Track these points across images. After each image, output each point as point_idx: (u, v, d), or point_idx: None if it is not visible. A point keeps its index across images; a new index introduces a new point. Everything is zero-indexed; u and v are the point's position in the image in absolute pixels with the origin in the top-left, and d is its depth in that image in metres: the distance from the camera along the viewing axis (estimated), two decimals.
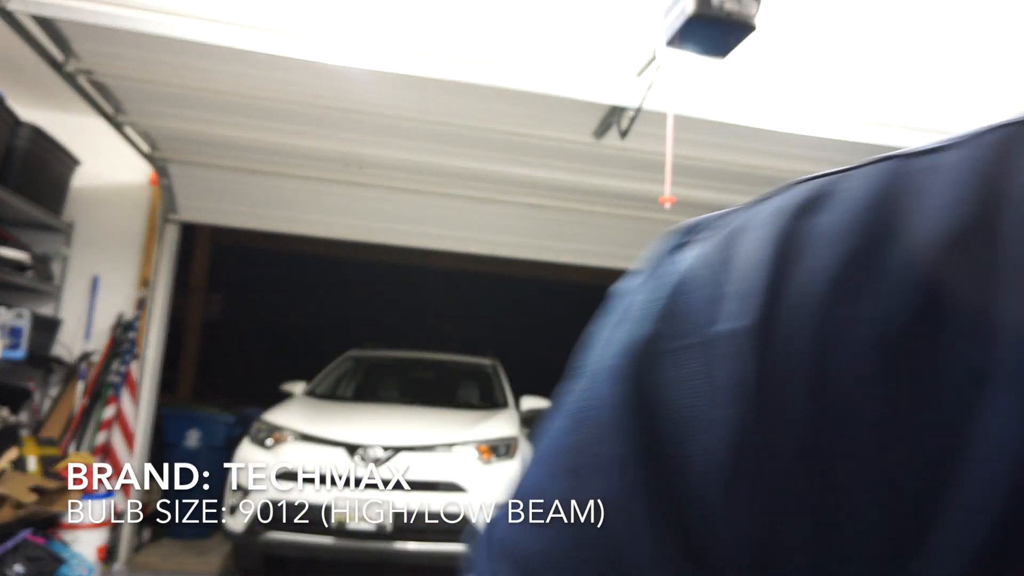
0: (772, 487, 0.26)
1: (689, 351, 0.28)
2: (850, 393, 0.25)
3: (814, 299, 0.26)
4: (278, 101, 3.08)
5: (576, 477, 0.31)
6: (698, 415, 0.28)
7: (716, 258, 0.30)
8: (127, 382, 4.17)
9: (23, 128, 3.78)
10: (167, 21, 2.45)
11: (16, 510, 3.14)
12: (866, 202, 0.28)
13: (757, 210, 0.31)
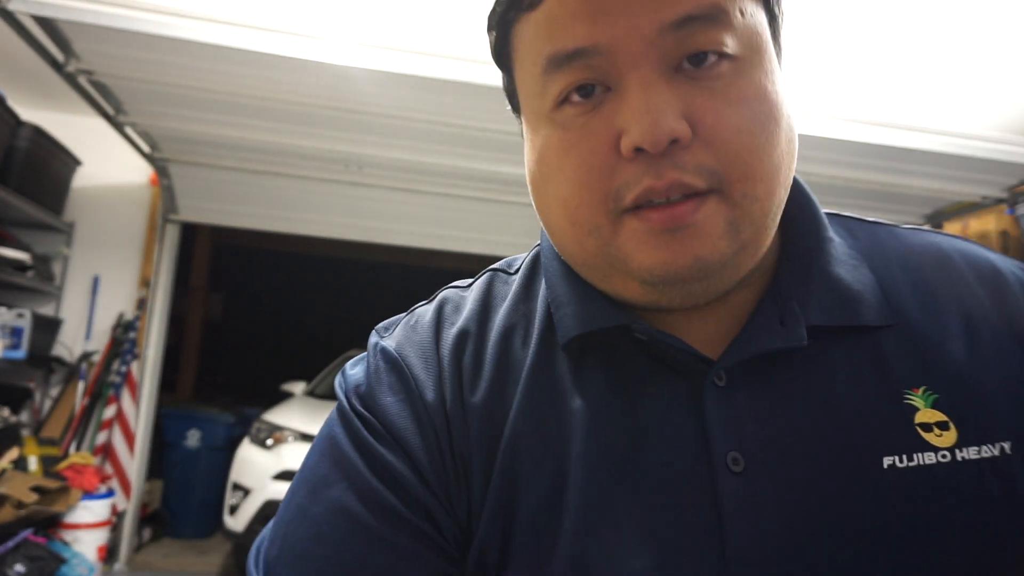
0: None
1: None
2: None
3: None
4: (278, 101, 3.08)
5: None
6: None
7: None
8: (127, 382, 4.17)
9: (24, 128, 3.78)
10: (168, 21, 2.45)
11: (17, 510, 3.15)
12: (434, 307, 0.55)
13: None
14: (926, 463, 0.41)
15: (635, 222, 0.42)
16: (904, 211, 4.22)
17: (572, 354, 0.48)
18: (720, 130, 0.41)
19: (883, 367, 0.45)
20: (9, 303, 3.88)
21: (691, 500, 0.42)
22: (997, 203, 3.91)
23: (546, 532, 0.43)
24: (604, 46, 0.41)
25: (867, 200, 3.98)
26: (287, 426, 4.06)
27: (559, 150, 0.44)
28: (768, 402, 0.44)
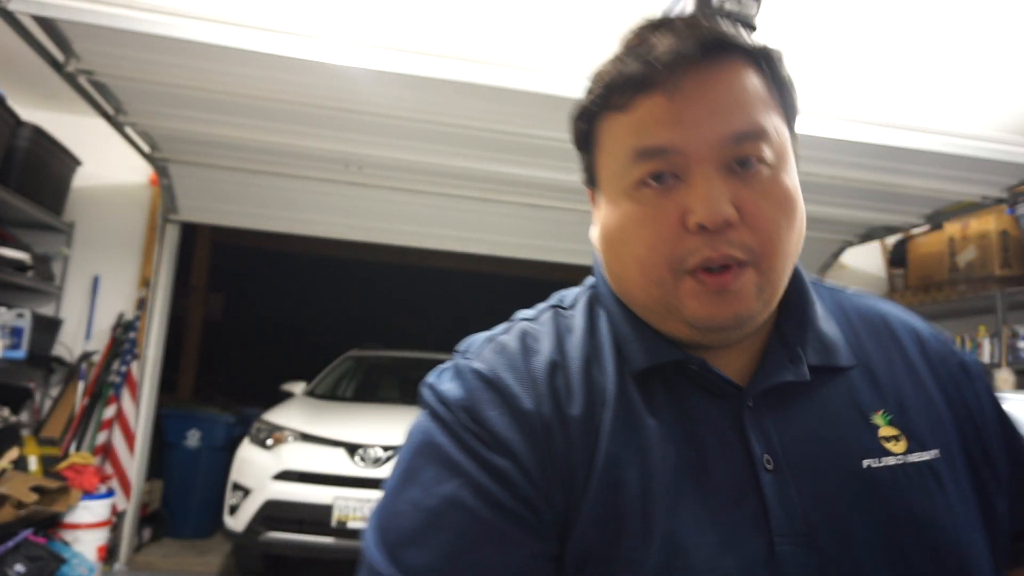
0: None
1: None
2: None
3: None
4: (278, 101, 3.08)
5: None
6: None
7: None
8: (127, 382, 4.18)
9: (24, 128, 3.78)
10: (168, 21, 2.46)
11: (17, 510, 3.15)
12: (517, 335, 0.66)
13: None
14: (890, 464, 0.59)
15: (692, 282, 0.58)
16: (904, 211, 4.22)
17: (640, 380, 0.62)
18: (759, 218, 0.58)
19: (854, 397, 0.63)
20: (9, 303, 3.88)
21: (742, 490, 0.57)
22: (997, 203, 3.90)
23: (644, 517, 0.55)
24: (679, 147, 0.57)
25: (867, 200, 3.98)
26: (287, 426, 4.06)
27: (637, 221, 0.59)
28: (784, 419, 0.60)
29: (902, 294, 5.17)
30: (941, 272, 4.83)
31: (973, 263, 4.59)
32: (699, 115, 0.57)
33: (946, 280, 4.78)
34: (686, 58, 0.56)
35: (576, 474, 0.57)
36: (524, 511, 0.55)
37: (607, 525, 0.55)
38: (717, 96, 0.57)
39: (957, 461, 0.61)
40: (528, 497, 0.56)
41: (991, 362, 4.37)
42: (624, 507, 0.55)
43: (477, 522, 0.54)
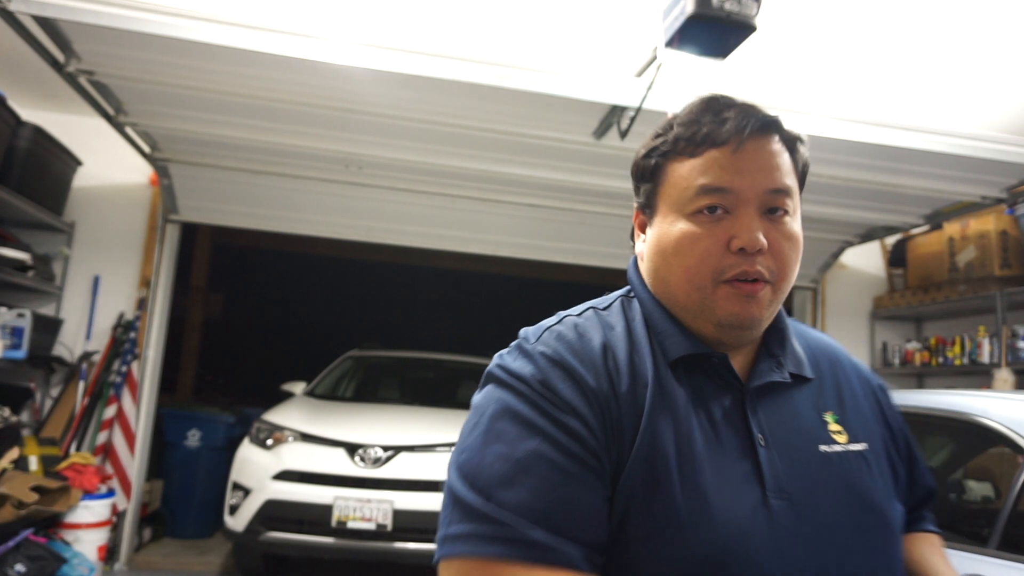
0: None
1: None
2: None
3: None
4: (278, 101, 3.08)
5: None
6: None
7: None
8: (128, 382, 4.18)
9: (24, 128, 3.79)
10: (168, 21, 2.46)
11: (17, 510, 3.15)
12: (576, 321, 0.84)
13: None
14: (836, 450, 0.81)
15: (727, 288, 0.78)
16: (904, 211, 4.22)
17: (674, 367, 0.81)
18: (779, 251, 0.80)
19: (814, 400, 0.85)
20: (10, 303, 3.89)
21: (744, 458, 0.77)
22: (997, 203, 3.91)
23: (677, 471, 0.73)
24: (734, 189, 0.78)
25: (867, 200, 3.98)
26: (287, 426, 4.06)
27: (692, 238, 0.79)
28: (771, 409, 0.82)
29: (902, 294, 5.18)
30: (941, 272, 4.83)
31: (973, 263, 4.59)
32: (752, 170, 0.79)
33: (946, 280, 4.78)
34: (750, 130, 0.79)
35: (625, 437, 0.74)
36: (593, 461, 0.72)
37: (647, 476, 0.72)
38: (766, 160, 0.80)
39: (880, 453, 0.85)
40: (595, 450, 0.72)
41: (991, 362, 4.37)
42: (660, 463, 0.73)
43: (557, 469, 0.70)
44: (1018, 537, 1.87)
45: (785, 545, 0.73)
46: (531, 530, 0.67)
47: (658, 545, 0.70)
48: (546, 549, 0.66)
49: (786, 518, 0.74)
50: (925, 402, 2.41)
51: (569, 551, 0.67)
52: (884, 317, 5.38)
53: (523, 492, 0.68)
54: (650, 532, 0.71)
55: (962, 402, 2.22)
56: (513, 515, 0.67)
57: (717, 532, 0.71)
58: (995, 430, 2.05)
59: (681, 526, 0.71)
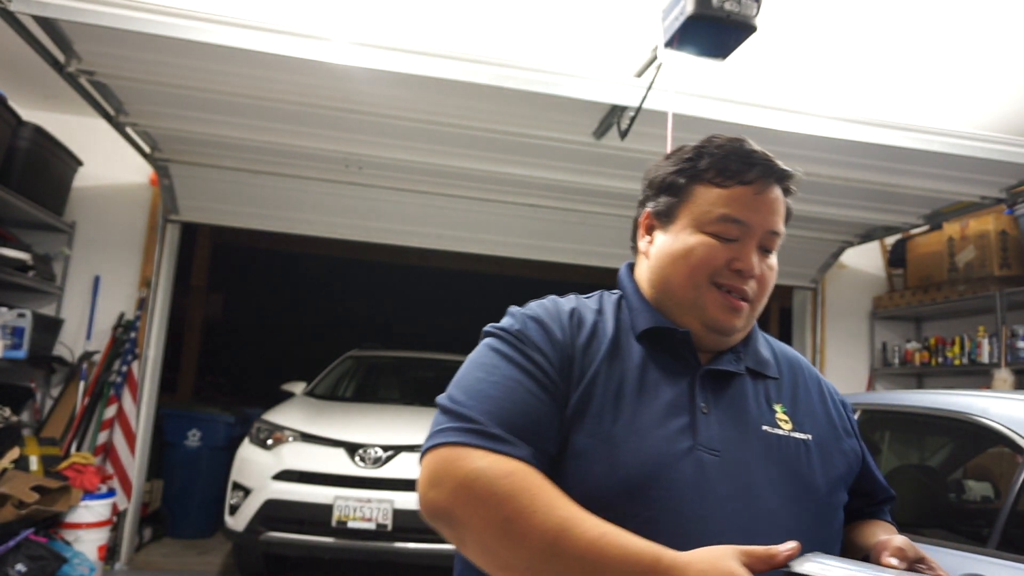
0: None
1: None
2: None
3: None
4: (278, 101, 3.08)
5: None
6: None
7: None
8: (128, 382, 4.18)
9: (25, 128, 3.79)
10: (168, 21, 2.46)
11: (18, 509, 3.15)
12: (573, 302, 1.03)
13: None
14: (779, 433, 0.94)
15: (719, 295, 0.95)
16: (904, 211, 4.23)
17: (639, 339, 0.97)
18: (763, 281, 0.97)
19: (768, 392, 0.99)
20: (10, 303, 3.89)
21: (683, 415, 0.90)
22: (996, 203, 3.91)
23: (614, 406, 0.89)
24: (746, 222, 0.95)
25: (867, 200, 3.98)
26: (287, 426, 4.06)
27: (704, 248, 0.95)
28: (720, 390, 0.95)
29: (901, 294, 5.18)
30: (940, 272, 4.83)
31: (972, 263, 4.59)
32: (764, 211, 0.96)
33: (945, 280, 4.78)
34: (771, 175, 0.97)
35: (577, 376, 0.91)
36: (552, 387, 0.89)
37: (588, 406, 0.89)
38: (774, 205, 0.98)
39: (825, 448, 0.97)
40: (555, 380, 0.90)
41: (990, 362, 4.37)
42: (600, 399, 0.90)
43: (523, 388, 0.88)
44: (1018, 537, 1.87)
45: (709, 488, 0.85)
46: (495, 428, 0.83)
47: (589, 462, 0.86)
48: (504, 441, 0.82)
49: (713, 469, 0.86)
50: (925, 402, 2.42)
51: (523, 448, 0.82)
52: (884, 317, 5.38)
53: (493, 403, 0.85)
54: (584, 450, 0.86)
55: (962, 402, 2.22)
56: (484, 417, 0.83)
57: (642, 460, 0.85)
58: (995, 430, 2.05)
59: (611, 450, 0.86)
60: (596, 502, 0.80)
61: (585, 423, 0.88)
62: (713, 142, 1.00)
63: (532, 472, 0.80)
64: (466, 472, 0.80)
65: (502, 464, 0.80)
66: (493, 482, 0.78)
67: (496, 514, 0.77)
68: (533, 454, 0.83)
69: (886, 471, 3.02)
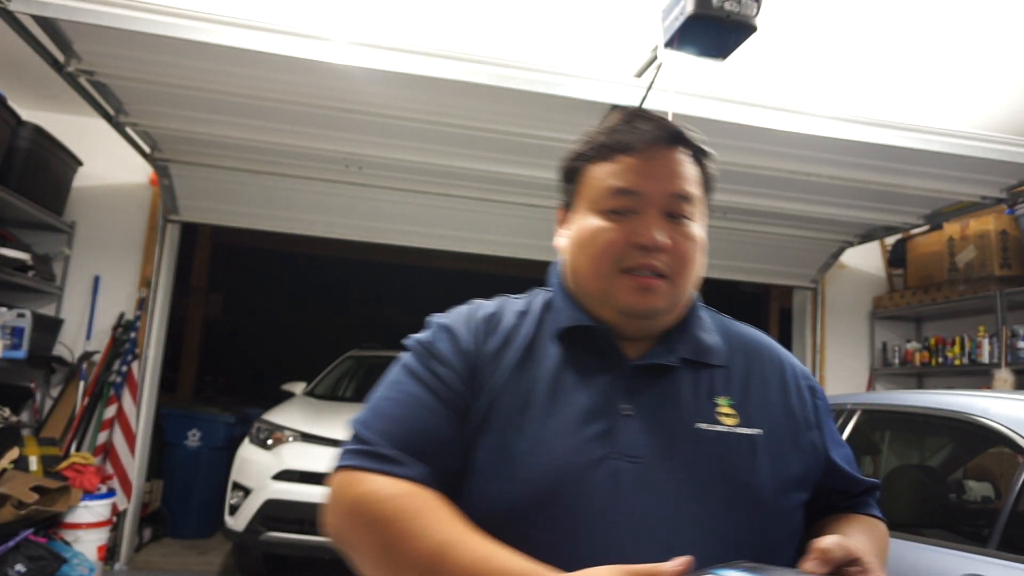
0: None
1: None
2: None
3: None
4: (278, 101, 3.08)
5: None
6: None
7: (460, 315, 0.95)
8: (128, 382, 4.18)
9: (25, 128, 3.79)
10: (168, 21, 2.46)
11: (17, 510, 3.15)
12: (491, 307, 0.96)
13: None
14: (718, 430, 0.85)
15: (627, 279, 0.87)
16: (904, 211, 4.22)
17: (559, 340, 0.90)
18: (678, 250, 0.88)
19: (711, 384, 0.90)
20: (10, 303, 3.88)
21: (600, 421, 0.83)
22: (997, 203, 3.91)
23: (518, 419, 0.83)
24: (641, 191, 0.88)
25: (867, 200, 3.98)
26: (287, 426, 4.06)
27: (601, 232, 0.88)
28: (652, 386, 0.87)
29: (902, 294, 5.18)
30: (941, 272, 4.83)
31: (972, 263, 4.59)
32: (659, 176, 0.88)
33: (945, 280, 4.78)
34: (660, 140, 0.90)
35: (482, 386, 0.86)
36: (455, 401, 0.85)
37: (489, 419, 0.84)
38: (671, 168, 0.89)
39: (778, 443, 0.88)
40: (460, 393, 0.85)
41: (991, 362, 4.37)
42: (503, 410, 0.84)
43: (424, 406, 0.84)
44: (1018, 537, 1.87)
45: (624, 500, 0.78)
46: (388, 449, 0.80)
47: (489, 479, 0.81)
48: (395, 462, 0.79)
49: (632, 478, 0.80)
50: (925, 402, 2.42)
51: (415, 468, 0.80)
52: (884, 317, 5.38)
53: (391, 421, 0.83)
54: (484, 467, 0.82)
55: (962, 402, 2.22)
56: (379, 438, 0.82)
57: (545, 475, 0.79)
58: (995, 430, 2.05)
59: (512, 466, 0.80)
60: (494, 522, 0.77)
61: (488, 437, 0.83)
62: (607, 120, 0.95)
63: (420, 494, 0.77)
64: (353, 497, 0.79)
65: (388, 487, 0.77)
66: (376, 506, 0.76)
67: (378, 539, 0.76)
68: (428, 473, 0.80)
69: (886, 471, 3.02)
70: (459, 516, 0.77)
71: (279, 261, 9.22)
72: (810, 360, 5.25)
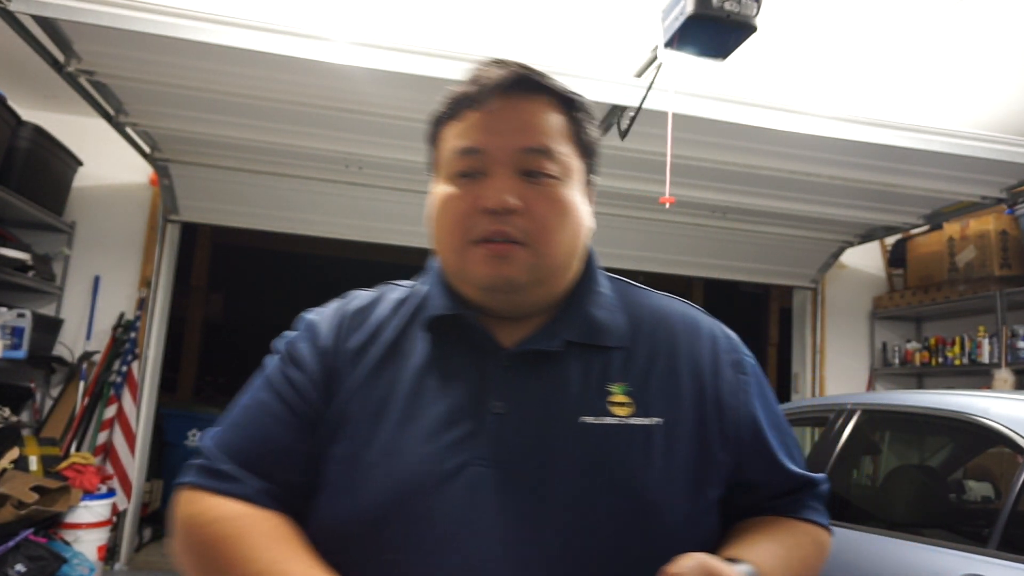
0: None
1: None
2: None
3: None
4: (278, 101, 3.08)
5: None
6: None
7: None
8: (128, 382, 4.18)
9: (25, 128, 3.79)
10: (168, 21, 2.46)
11: (17, 510, 3.15)
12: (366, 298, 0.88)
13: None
14: (607, 422, 0.74)
15: (480, 250, 0.75)
16: (904, 211, 4.22)
17: (430, 330, 0.81)
18: (535, 212, 0.75)
19: (604, 369, 0.78)
20: (10, 303, 3.88)
21: (463, 422, 0.74)
22: (997, 203, 3.91)
23: (371, 426, 0.75)
24: (485, 149, 0.77)
25: (867, 200, 3.98)
26: None
27: (450, 200, 0.78)
28: (528, 377, 0.76)
29: (902, 294, 5.18)
30: (941, 272, 4.83)
31: (972, 263, 4.59)
32: (504, 130, 0.77)
33: (945, 280, 4.78)
34: (501, 87, 0.78)
35: (338, 389, 0.78)
36: (305, 410, 0.77)
37: (340, 428, 0.76)
38: (521, 119, 0.78)
39: (682, 432, 0.76)
40: (311, 400, 0.78)
41: (991, 362, 4.37)
42: (355, 417, 0.76)
43: (271, 415, 0.77)
44: (1018, 537, 1.87)
45: (483, 513, 0.69)
46: (225, 464, 0.74)
47: (335, 494, 0.73)
48: (230, 479, 0.73)
49: (494, 487, 0.70)
50: (925, 402, 2.42)
51: (251, 485, 0.73)
52: (884, 317, 5.38)
53: (235, 431, 0.78)
54: (331, 480, 0.74)
55: (962, 402, 2.22)
56: (220, 451, 0.76)
57: (393, 489, 0.71)
58: (995, 430, 2.05)
59: (358, 479, 0.72)
60: (340, 541, 0.70)
61: (337, 448, 0.74)
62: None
63: (244, 515, 0.71)
64: (181, 518, 0.75)
65: (214, 509, 0.72)
66: (200, 530, 0.72)
67: (200, 564, 0.72)
68: (266, 490, 0.73)
69: (886, 471, 3.02)
70: (290, 539, 0.70)
71: (279, 261, 9.21)
72: (810, 360, 5.25)
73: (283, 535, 0.70)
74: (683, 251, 4.77)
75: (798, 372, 5.37)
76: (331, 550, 0.70)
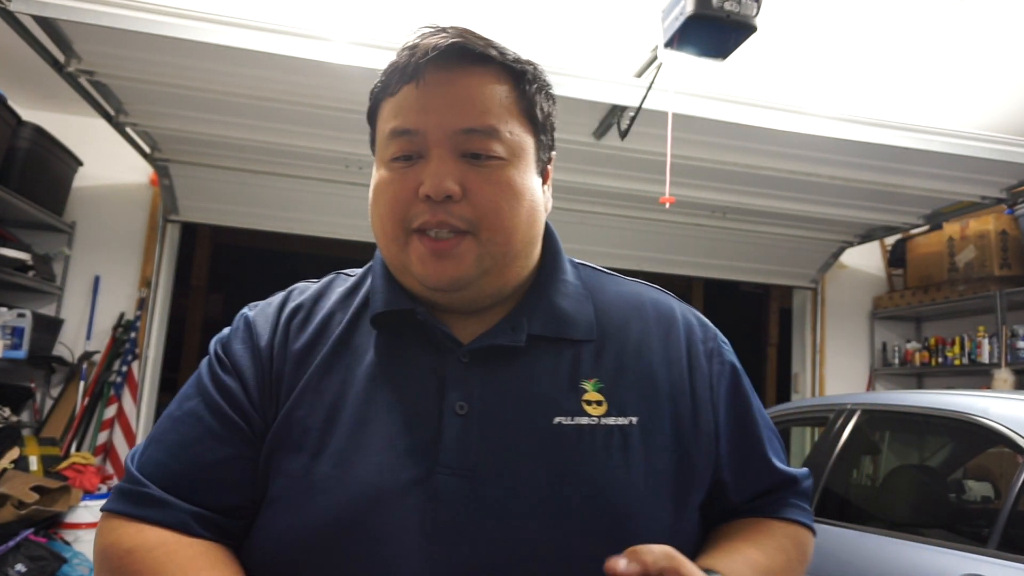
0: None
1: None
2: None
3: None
4: (278, 101, 3.08)
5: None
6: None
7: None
8: (128, 382, 4.18)
9: (25, 128, 3.78)
10: (168, 21, 2.46)
11: (17, 510, 3.15)
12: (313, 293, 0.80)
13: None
14: (581, 423, 0.67)
15: (418, 243, 0.69)
16: (904, 211, 4.22)
17: (377, 326, 0.73)
18: (480, 198, 0.67)
19: (575, 364, 0.71)
20: (10, 303, 3.88)
21: (421, 427, 0.66)
22: (996, 203, 3.91)
23: (323, 434, 0.67)
24: (420, 130, 0.69)
25: (867, 200, 3.98)
26: None
27: (386, 186, 0.71)
28: (492, 374, 0.69)
29: (901, 294, 5.18)
30: (940, 272, 4.83)
31: (972, 263, 4.59)
32: (440, 106, 0.69)
33: (945, 280, 4.78)
34: (437, 58, 0.69)
35: (283, 394, 0.70)
36: (240, 421, 0.69)
37: (286, 437, 0.68)
38: (458, 93, 0.69)
39: (658, 430, 0.70)
40: (246, 410, 0.69)
41: (991, 362, 4.37)
42: (303, 425, 0.68)
43: (201, 427, 0.69)
44: (1018, 537, 1.87)
45: (445, 531, 0.62)
46: (149, 487, 0.66)
47: (281, 511, 0.65)
48: (153, 504, 0.65)
49: (457, 499, 0.63)
50: (925, 402, 2.42)
51: (175, 510, 0.65)
52: (884, 317, 5.38)
53: (161, 449, 0.69)
54: (276, 497, 0.66)
55: (962, 402, 2.22)
56: (147, 467, 0.68)
57: (346, 505, 0.63)
58: (995, 430, 2.05)
59: (309, 494, 0.65)
60: (284, 563, 0.64)
61: (284, 459, 0.67)
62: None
63: (163, 544, 0.63)
64: (97, 549, 0.67)
65: (130, 539, 0.64)
66: (115, 562, 0.64)
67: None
68: (194, 515, 0.65)
69: (886, 471, 3.02)
70: (215, 568, 0.63)
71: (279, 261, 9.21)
72: (810, 360, 5.25)
73: (207, 564, 0.63)
74: (683, 251, 4.77)
75: (798, 372, 5.37)
76: (279, 572, 0.64)
